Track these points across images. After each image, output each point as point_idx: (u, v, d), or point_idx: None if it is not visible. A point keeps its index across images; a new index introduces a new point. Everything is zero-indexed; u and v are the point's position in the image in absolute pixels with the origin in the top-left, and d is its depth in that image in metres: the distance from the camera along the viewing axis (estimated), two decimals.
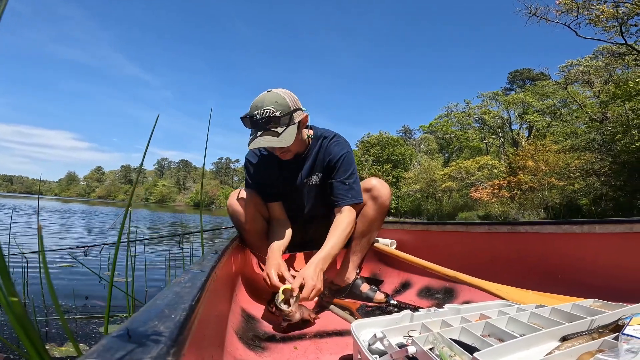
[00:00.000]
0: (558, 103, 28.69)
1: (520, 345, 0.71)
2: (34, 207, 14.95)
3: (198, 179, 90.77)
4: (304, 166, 1.65)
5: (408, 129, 58.91)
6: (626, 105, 12.72)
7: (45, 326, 1.80)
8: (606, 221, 1.29)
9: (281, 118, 1.37)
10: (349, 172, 1.60)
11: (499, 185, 23.73)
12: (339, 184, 1.59)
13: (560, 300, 1.10)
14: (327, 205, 1.64)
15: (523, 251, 1.54)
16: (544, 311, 0.93)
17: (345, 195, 1.58)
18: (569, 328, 0.78)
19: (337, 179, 1.59)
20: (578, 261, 1.35)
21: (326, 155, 1.62)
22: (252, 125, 1.40)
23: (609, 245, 1.28)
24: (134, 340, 0.38)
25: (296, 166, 1.65)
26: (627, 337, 0.66)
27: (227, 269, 1.20)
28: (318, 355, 1.10)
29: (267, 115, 1.36)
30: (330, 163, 1.61)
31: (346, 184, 1.58)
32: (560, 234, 1.41)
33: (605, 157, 13.58)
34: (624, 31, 12.21)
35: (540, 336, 0.74)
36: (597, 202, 13.13)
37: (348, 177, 1.60)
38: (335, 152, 1.61)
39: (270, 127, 1.37)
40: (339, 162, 1.60)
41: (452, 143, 43.28)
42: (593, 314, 0.86)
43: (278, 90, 1.44)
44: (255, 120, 1.38)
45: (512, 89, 42.96)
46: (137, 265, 3.30)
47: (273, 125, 1.37)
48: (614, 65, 17.78)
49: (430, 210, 33.95)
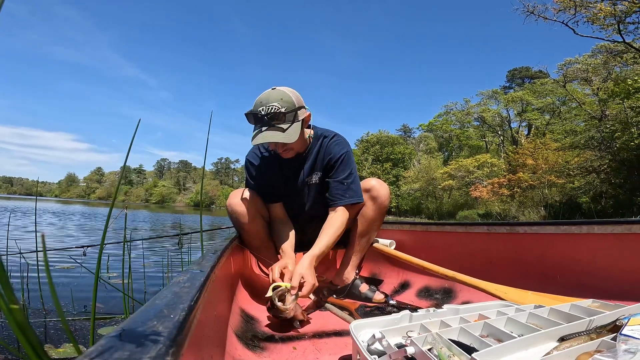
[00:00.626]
0: (557, 101, 28.74)
1: (519, 345, 0.71)
2: (33, 209, 14.91)
3: (198, 179, 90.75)
4: (305, 165, 1.65)
5: (407, 128, 58.92)
6: (625, 103, 12.72)
7: (44, 327, 1.80)
8: (605, 222, 1.29)
9: (286, 115, 1.38)
10: (347, 172, 1.61)
11: (498, 183, 23.76)
12: (337, 184, 1.59)
13: (558, 301, 1.10)
14: (327, 204, 1.65)
15: (522, 252, 1.54)
16: (542, 311, 0.93)
17: (342, 195, 1.58)
18: (568, 328, 0.79)
19: (335, 179, 1.60)
20: (577, 262, 1.35)
21: (326, 155, 1.63)
22: (256, 121, 1.40)
23: (608, 246, 1.28)
24: (132, 340, 0.38)
25: (297, 165, 1.65)
26: (625, 338, 0.66)
27: (227, 269, 1.20)
28: (317, 355, 1.10)
29: (273, 111, 1.36)
30: (330, 162, 1.62)
31: (344, 183, 1.59)
32: (558, 235, 1.41)
33: (605, 155, 13.59)
34: (621, 29, 12.22)
35: (539, 336, 0.74)
36: (597, 199, 13.15)
37: (346, 177, 1.60)
38: (335, 151, 1.62)
39: (275, 123, 1.38)
40: (338, 162, 1.61)
41: (451, 141, 43.31)
42: (591, 314, 0.86)
43: (283, 87, 1.44)
44: (260, 116, 1.38)
45: (511, 87, 43.00)
46: (136, 265, 3.32)
47: (278, 121, 1.38)
48: (612, 63, 17.81)
49: (430, 208, 33.95)
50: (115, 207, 8.56)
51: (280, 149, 1.49)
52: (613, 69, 18.44)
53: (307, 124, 1.54)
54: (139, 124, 0.66)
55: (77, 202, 49.19)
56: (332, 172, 1.61)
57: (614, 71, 18.41)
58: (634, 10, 11.38)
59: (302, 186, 1.69)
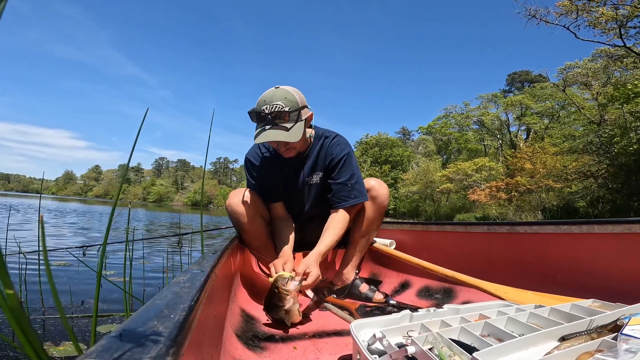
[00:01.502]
0: (556, 105, 28.75)
1: (519, 345, 0.71)
2: (29, 205, 14.82)
3: (196, 179, 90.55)
4: (306, 165, 1.65)
5: (406, 130, 59.04)
6: (624, 108, 12.73)
7: (43, 326, 1.80)
8: (605, 221, 1.29)
9: (290, 114, 1.38)
10: (350, 173, 1.61)
11: (496, 187, 23.76)
12: (340, 186, 1.59)
13: (559, 301, 1.10)
14: (328, 205, 1.64)
15: (522, 251, 1.54)
16: (543, 311, 0.93)
17: (346, 197, 1.58)
18: (568, 328, 0.79)
19: (338, 181, 1.59)
20: (577, 261, 1.35)
21: (328, 155, 1.63)
22: (259, 119, 1.40)
23: (608, 246, 1.28)
24: (133, 340, 0.37)
25: (298, 165, 1.65)
26: (626, 337, 0.66)
27: (227, 269, 1.20)
28: (317, 355, 1.10)
29: (277, 110, 1.36)
30: (332, 163, 1.62)
31: (348, 185, 1.59)
32: (559, 234, 1.41)
33: (603, 160, 13.60)
34: (622, 33, 12.24)
35: (539, 336, 0.74)
36: (595, 204, 13.15)
37: (350, 179, 1.60)
38: (336, 152, 1.62)
39: (279, 122, 1.38)
40: (340, 163, 1.61)
41: (450, 144, 43.37)
42: (592, 314, 0.86)
43: (286, 87, 1.44)
44: (263, 115, 1.38)
45: (510, 91, 43.07)
46: (136, 265, 3.30)
47: (282, 120, 1.38)
48: (612, 68, 17.82)
49: (428, 211, 33.98)
50: (119, 206, 8.64)
51: (283, 147, 1.49)
52: (613, 73, 18.46)
53: (309, 123, 1.54)
54: (147, 113, 0.65)
55: (74, 200, 49.02)
56: (335, 174, 1.61)
57: (614, 76, 18.43)
58: (635, 14, 11.40)
59: (303, 186, 1.68)
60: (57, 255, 3.68)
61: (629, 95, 11.45)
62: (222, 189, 72.00)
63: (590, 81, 20.35)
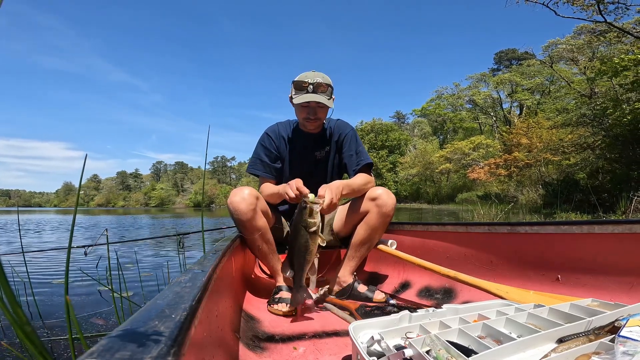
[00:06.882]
0: (546, 81, 28.62)
1: (517, 347, 0.71)
2: (31, 221, 14.67)
3: (195, 180, 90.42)
4: (316, 142, 1.90)
5: (401, 114, 58.87)
6: (613, 81, 12.58)
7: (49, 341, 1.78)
8: (605, 222, 1.29)
9: (328, 88, 1.71)
10: (356, 143, 1.90)
11: (495, 164, 23.73)
12: (352, 156, 1.87)
13: (559, 300, 1.10)
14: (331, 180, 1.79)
15: (522, 251, 1.54)
16: (541, 311, 0.93)
17: (357, 163, 1.85)
18: (566, 330, 0.79)
19: (350, 152, 1.88)
20: (577, 261, 1.36)
21: (336, 132, 1.92)
22: (300, 89, 1.70)
23: (608, 246, 1.28)
24: (134, 340, 0.38)
25: (309, 144, 1.90)
26: (624, 339, 0.66)
27: (228, 269, 1.20)
28: (317, 355, 1.11)
29: (318, 81, 1.68)
30: (341, 137, 1.91)
31: (357, 152, 1.88)
32: (559, 234, 1.42)
33: (598, 131, 13.48)
34: (601, 9, 12.01)
35: (537, 338, 0.75)
36: (594, 175, 13.06)
37: (358, 147, 1.89)
38: (343, 129, 1.92)
39: (319, 91, 1.69)
40: (347, 137, 1.90)
41: (445, 125, 43.26)
42: (591, 314, 0.86)
43: (321, 73, 1.75)
44: (305, 85, 1.68)
45: (499, 70, 42.67)
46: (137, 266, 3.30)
47: (322, 91, 1.69)
48: (595, 43, 17.66)
49: (430, 193, 33.98)
50: (116, 214, 8.50)
51: (313, 115, 1.75)
52: (598, 48, 18.29)
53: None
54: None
55: (78, 212, 48.69)
56: (345, 148, 1.89)
57: (599, 50, 18.26)
58: None
59: (311, 158, 1.91)
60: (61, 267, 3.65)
61: (617, 69, 11.26)
62: (222, 188, 71.93)
63: (577, 56, 20.19)
